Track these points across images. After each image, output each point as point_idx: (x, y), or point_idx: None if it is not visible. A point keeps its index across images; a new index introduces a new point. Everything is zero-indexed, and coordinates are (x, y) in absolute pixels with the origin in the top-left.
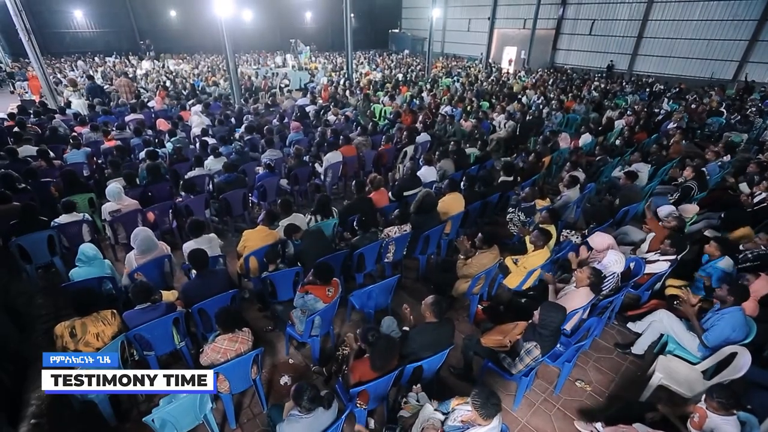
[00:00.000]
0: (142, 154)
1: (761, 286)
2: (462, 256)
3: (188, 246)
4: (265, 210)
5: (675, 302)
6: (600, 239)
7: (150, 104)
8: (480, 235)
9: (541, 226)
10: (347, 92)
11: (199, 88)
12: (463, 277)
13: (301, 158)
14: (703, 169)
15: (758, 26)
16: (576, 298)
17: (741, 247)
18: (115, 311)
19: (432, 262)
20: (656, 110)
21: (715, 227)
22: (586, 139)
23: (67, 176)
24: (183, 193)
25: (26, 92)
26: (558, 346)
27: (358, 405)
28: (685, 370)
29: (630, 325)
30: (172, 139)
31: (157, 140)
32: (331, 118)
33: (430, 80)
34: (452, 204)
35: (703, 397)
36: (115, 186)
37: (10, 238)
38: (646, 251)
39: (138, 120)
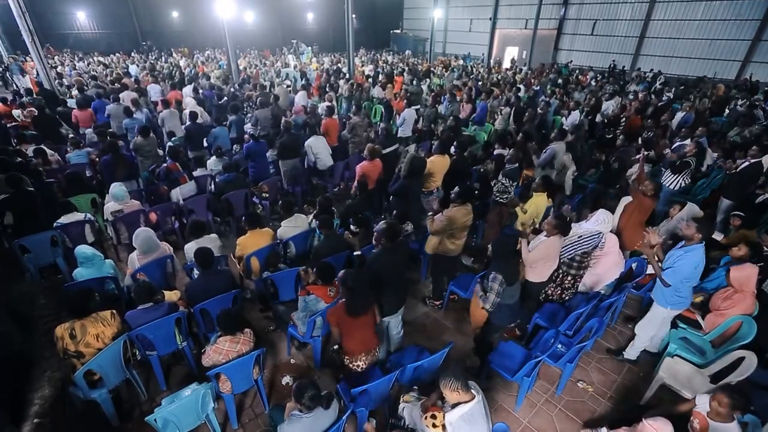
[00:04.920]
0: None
1: (751, 273)
2: (430, 214)
3: (190, 247)
4: (266, 210)
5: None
6: (611, 238)
7: (152, 94)
8: (456, 188)
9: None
10: (340, 81)
11: (192, 74)
12: (434, 234)
13: (290, 131)
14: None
15: (761, 26)
16: (550, 245)
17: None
18: (114, 312)
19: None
20: (661, 97)
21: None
22: (574, 117)
23: (71, 177)
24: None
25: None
26: (559, 346)
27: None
28: (690, 372)
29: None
30: (173, 140)
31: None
32: (322, 105)
33: (422, 72)
34: (438, 164)
35: (706, 400)
36: (120, 188)
37: (15, 237)
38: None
39: (132, 99)
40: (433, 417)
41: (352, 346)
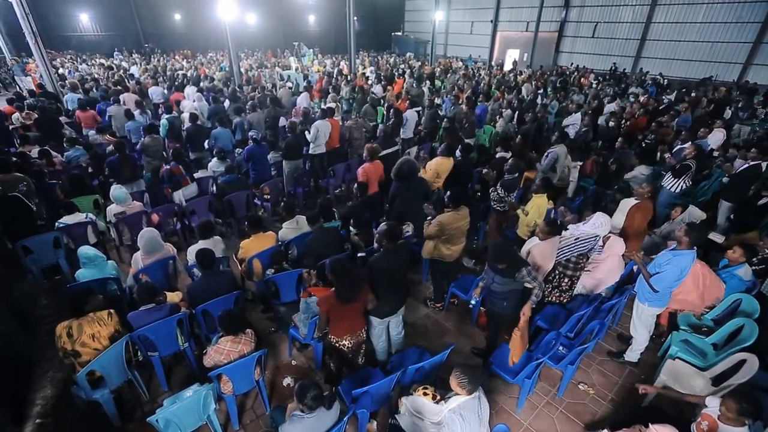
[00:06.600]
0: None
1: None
2: (429, 218)
3: (194, 248)
4: (267, 211)
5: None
6: (616, 242)
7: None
8: (448, 193)
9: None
10: (342, 82)
11: (193, 76)
12: (428, 238)
13: (296, 132)
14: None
15: (762, 28)
16: (545, 248)
17: None
18: (112, 311)
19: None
20: (663, 98)
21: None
22: (575, 119)
23: (73, 178)
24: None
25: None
26: (560, 348)
27: None
28: (692, 374)
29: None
30: (168, 117)
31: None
32: (332, 105)
33: (426, 76)
34: (443, 165)
35: (717, 403)
36: (120, 190)
37: (16, 239)
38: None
39: (135, 101)
40: (425, 389)
41: (339, 329)
